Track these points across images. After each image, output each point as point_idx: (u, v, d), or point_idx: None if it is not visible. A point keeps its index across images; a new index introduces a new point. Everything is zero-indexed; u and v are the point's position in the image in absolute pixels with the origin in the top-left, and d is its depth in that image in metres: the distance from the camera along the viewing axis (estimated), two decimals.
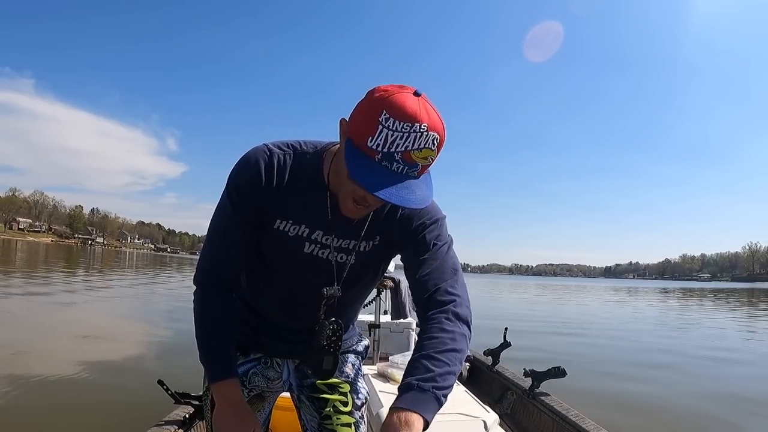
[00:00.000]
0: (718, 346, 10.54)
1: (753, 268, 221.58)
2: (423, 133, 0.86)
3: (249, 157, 1.06)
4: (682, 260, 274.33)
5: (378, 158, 0.87)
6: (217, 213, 1.10)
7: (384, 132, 0.85)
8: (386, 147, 0.86)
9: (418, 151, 0.87)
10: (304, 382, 1.31)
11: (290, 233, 1.10)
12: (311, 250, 1.12)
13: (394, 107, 0.85)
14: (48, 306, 10.41)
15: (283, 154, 1.07)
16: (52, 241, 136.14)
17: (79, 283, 16.88)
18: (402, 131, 0.85)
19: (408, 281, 1.13)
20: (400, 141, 0.85)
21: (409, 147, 0.86)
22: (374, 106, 0.87)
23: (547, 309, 20.68)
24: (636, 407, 5.30)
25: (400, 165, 0.87)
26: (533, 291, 41.58)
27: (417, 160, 0.88)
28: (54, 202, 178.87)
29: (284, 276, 1.17)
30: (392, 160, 0.87)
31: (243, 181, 1.06)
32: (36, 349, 6.13)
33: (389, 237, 1.15)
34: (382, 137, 0.86)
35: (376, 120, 0.85)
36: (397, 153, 0.86)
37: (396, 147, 0.86)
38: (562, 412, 2.92)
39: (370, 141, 0.86)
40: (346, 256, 1.15)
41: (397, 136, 0.85)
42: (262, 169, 1.05)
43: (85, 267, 28.52)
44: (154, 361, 6.08)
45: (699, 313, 22.09)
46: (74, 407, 4.16)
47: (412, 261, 1.10)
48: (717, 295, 43.47)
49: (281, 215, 1.09)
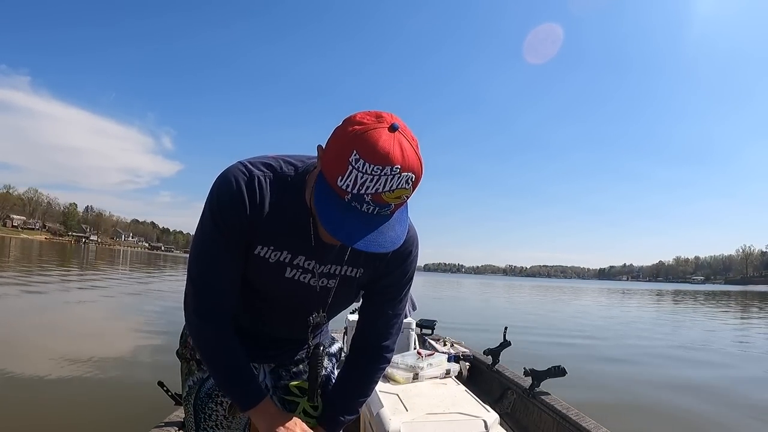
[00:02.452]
0: (714, 348, 10.58)
1: (746, 271, 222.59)
2: (395, 175, 0.83)
3: (228, 180, 1.01)
4: (675, 262, 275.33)
5: (348, 198, 0.85)
6: (199, 239, 1.05)
7: (354, 173, 0.82)
8: (356, 189, 0.83)
9: (390, 193, 0.84)
10: (278, 384, 1.31)
11: (271, 259, 1.07)
12: (293, 275, 1.10)
13: (365, 148, 0.82)
14: (44, 305, 10.34)
15: (263, 176, 1.02)
16: (46, 239, 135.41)
17: (76, 282, 16.81)
18: (372, 174, 0.82)
19: (360, 314, 1.25)
20: (370, 183, 0.82)
21: (380, 189, 0.83)
22: (346, 145, 0.83)
23: (543, 310, 20.69)
24: (636, 407, 5.32)
25: (371, 206, 0.85)
26: (526, 292, 41.60)
27: (389, 201, 0.86)
28: (48, 200, 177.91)
29: (266, 297, 1.16)
30: (362, 201, 0.85)
31: (224, 204, 1.01)
32: (34, 350, 6.09)
33: (373, 268, 1.16)
34: (351, 178, 0.83)
35: (346, 160, 0.82)
36: (367, 195, 0.84)
37: (366, 189, 0.83)
38: (563, 411, 2.92)
39: (340, 180, 0.84)
40: (329, 281, 1.14)
41: (367, 178, 0.82)
42: (243, 193, 1.00)
43: (80, 265, 28.36)
44: (154, 362, 6.04)
45: (693, 315, 22.17)
46: (74, 408, 4.13)
47: (373, 301, 1.21)
48: (711, 298, 43.55)
49: (262, 241, 1.05)
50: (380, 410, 2.21)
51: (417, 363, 2.78)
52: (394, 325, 1.24)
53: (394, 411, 2.24)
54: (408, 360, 2.81)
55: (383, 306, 1.21)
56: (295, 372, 1.32)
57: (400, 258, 1.15)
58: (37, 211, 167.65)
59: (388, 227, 0.89)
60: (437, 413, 2.22)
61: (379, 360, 1.25)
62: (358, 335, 1.26)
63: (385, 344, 1.25)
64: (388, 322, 1.23)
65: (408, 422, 2.12)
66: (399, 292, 1.21)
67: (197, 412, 1.24)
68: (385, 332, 1.24)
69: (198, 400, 1.24)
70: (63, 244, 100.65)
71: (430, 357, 2.91)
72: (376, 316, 1.22)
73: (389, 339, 1.25)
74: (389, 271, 1.16)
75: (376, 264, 1.14)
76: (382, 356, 1.25)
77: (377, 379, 1.28)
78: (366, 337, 1.25)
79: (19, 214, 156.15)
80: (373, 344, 1.24)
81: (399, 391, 2.51)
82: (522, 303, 25.21)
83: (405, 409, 2.28)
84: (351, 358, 1.27)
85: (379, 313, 1.22)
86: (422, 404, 2.35)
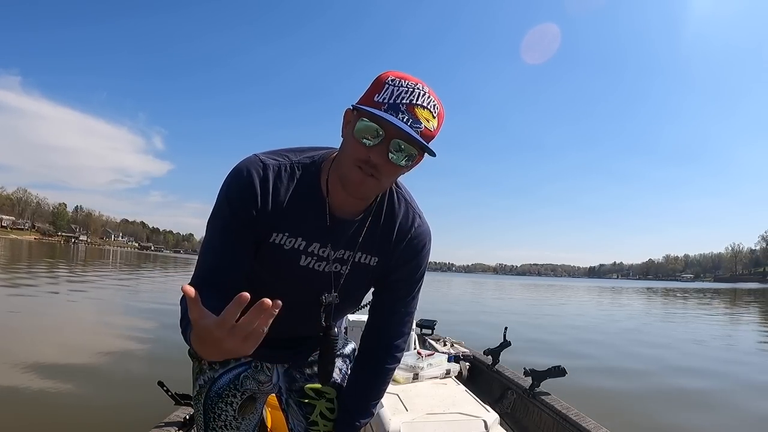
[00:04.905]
0: (711, 345, 10.68)
1: (735, 269, 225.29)
2: (426, 93, 0.94)
3: (241, 169, 1.03)
4: (665, 261, 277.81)
5: (384, 109, 0.91)
6: (211, 225, 1.05)
7: (389, 88, 0.92)
8: (392, 99, 0.91)
9: (422, 108, 0.93)
10: (293, 386, 1.31)
11: (286, 246, 1.07)
12: (308, 263, 1.10)
13: (400, 75, 0.94)
14: (38, 306, 10.19)
15: (278, 164, 1.04)
16: (36, 239, 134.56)
17: (70, 282, 16.59)
18: (407, 87, 0.92)
19: (370, 313, 1.24)
20: (405, 94, 0.92)
21: (414, 100, 0.92)
22: (381, 76, 0.95)
23: (537, 309, 20.80)
24: (636, 406, 5.33)
25: (405, 116, 0.91)
26: (517, 291, 41.81)
27: (420, 117, 0.92)
28: (37, 200, 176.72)
29: (280, 288, 1.13)
30: (397, 110, 0.91)
31: (235, 194, 1.01)
32: (32, 350, 6.01)
33: (388, 259, 1.15)
34: (387, 92, 0.92)
35: (383, 82, 0.93)
36: (402, 105, 0.91)
37: (401, 99, 0.91)
38: (563, 411, 2.92)
39: (377, 96, 0.92)
40: (342, 267, 1.14)
41: (402, 90, 0.92)
42: (256, 182, 1.01)
43: (70, 265, 28.09)
44: (154, 362, 5.98)
45: (685, 311, 22.38)
46: (74, 408, 4.10)
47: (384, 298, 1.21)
48: (702, 295, 44.01)
49: (277, 228, 1.06)
50: (380, 410, 2.22)
51: (417, 363, 2.79)
52: (406, 324, 1.24)
53: (394, 411, 2.24)
54: (408, 360, 2.82)
55: (395, 304, 1.21)
56: (309, 374, 1.30)
57: (414, 249, 1.16)
58: (26, 211, 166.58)
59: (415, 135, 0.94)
60: (437, 413, 2.22)
61: (390, 360, 1.24)
62: (368, 334, 1.25)
63: (397, 343, 1.24)
64: (400, 321, 1.23)
65: (408, 422, 2.12)
66: (411, 289, 1.21)
67: (207, 411, 1.23)
68: (397, 331, 1.23)
69: (208, 399, 1.23)
70: (52, 244, 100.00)
71: (430, 357, 2.91)
72: (388, 314, 1.22)
73: (401, 338, 1.24)
74: (403, 260, 1.16)
75: (389, 254, 1.14)
76: (393, 356, 1.24)
77: (389, 380, 1.28)
78: (377, 337, 1.24)
79: (8, 214, 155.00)
80: (385, 344, 1.23)
81: (399, 391, 2.51)
82: (506, 304, 25.23)
83: (405, 409, 2.29)
84: (361, 358, 1.26)
85: (391, 311, 1.22)
86: (422, 404, 2.35)
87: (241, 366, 1.26)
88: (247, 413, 1.27)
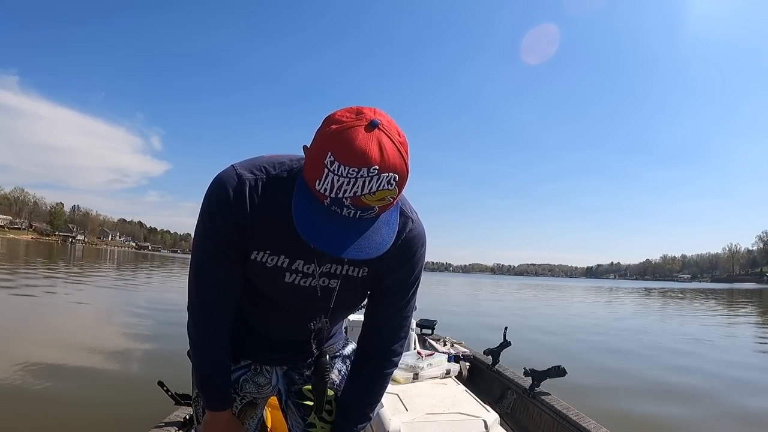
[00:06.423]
0: (711, 345, 10.70)
1: (732, 269, 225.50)
2: (374, 176, 0.77)
3: (218, 187, 0.97)
4: (662, 261, 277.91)
5: (327, 203, 0.81)
6: (197, 243, 1.03)
7: (330, 176, 0.78)
8: (333, 192, 0.79)
9: (371, 195, 0.79)
10: (292, 388, 1.30)
11: (268, 264, 1.03)
12: (292, 279, 1.06)
13: (340, 148, 0.77)
14: (37, 305, 10.17)
15: (255, 179, 0.97)
16: (33, 239, 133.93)
17: (67, 282, 16.55)
18: (348, 176, 0.77)
19: (365, 317, 1.19)
20: (347, 186, 0.78)
21: (358, 192, 0.78)
22: (322, 146, 0.79)
23: (535, 309, 20.81)
24: (636, 406, 5.33)
25: (351, 210, 0.81)
26: (515, 291, 41.87)
27: (371, 204, 0.81)
28: (35, 199, 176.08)
29: (270, 300, 1.13)
30: (341, 205, 0.81)
31: (215, 210, 0.98)
32: (32, 350, 5.99)
33: (378, 267, 1.09)
34: (328, 182, 0.78)
35: (322, 162, 0.78)
36: (346, 199, 0.79)
37: (344, 193, 0.79)
38: (563, 411, 2.92)
39: (318, 184, 0.80)
40: (330, 281, 1.09)
41: (343, 181, 0.77)
42: (235, 200, 0.96)
43: (68, 265, 28.05)
44: (154, 362, 5.98)
45: (682, 311, 22.43)
46: (74, 408, 4.09)
47: (379, 303, 1.15)
48: (699, 296, 44.11)
49: (257, 246, 1.01)
50: (380, 410, 2.21)
51: (417, 363, 2.79)
52: (402, 328, 1.18)
53: (394, 411, 2.23)
54: (408, 360, 2.81)
55: (390, 308, 1.15)
56: (309, 376, 1.29)
57: (405, 256, 1.08)
58: (23, 211, 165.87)
59: (373, 231, 0.85)
60: (437, 413, 2.22)
61: (388, 365, 1.20)
62: (364, 339, 1.20)
63: (393, 348, 1.19)
64: (396, 326, 1.17)
65: (408, 422, 2.11)
66: (405, 293, 1.14)
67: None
68: (392, 336, 1.18)
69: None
70: (50, 244, 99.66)
71: (430, 357, 2.90)
72: (383, 319, 1.16)
73: (397, 343, 1.19)
74: (393, 268, 1.09)
75: (379, 262, 1.07)
76: (390, 360, 1.19)
77: (387, 384, 1.24)
78: (373, 342, 1.19)
79: (5, 214, 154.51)
80: (381, 348, 1.18)
81: (399, 391, 2.51)
82: (506, 304, 25.27)
83: (405, 409, 2.28)
84: (358, 364, 1.22)
85: (385, 316, 1.16)
86: (422, 404, 2.34)
87: (241, 369, 1.25)
88: (247, 418, 1.25)
